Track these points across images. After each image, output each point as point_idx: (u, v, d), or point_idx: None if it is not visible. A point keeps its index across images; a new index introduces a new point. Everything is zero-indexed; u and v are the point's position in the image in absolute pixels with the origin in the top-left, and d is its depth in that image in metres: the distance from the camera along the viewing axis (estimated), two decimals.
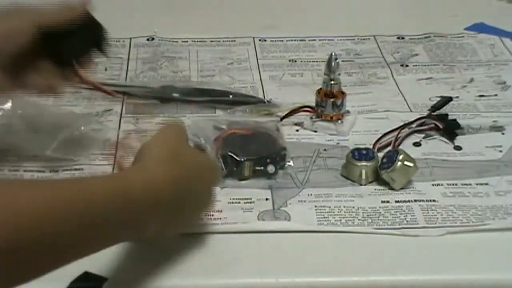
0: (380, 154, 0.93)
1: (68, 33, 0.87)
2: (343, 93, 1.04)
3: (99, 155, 0.96)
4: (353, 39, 1.29)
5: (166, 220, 0.72)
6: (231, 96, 1.09)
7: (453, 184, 0.93)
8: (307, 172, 0.94)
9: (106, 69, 1.18)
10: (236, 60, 1.22)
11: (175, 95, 1.09)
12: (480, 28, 1.32)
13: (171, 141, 0.76)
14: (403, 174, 0.90)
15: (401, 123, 1.02)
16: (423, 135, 1.02)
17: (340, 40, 1.29)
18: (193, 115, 1.06)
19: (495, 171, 0.95)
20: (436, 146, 1.00)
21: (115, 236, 0.67)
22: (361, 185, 0.92)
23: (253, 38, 1.29)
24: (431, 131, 1.02)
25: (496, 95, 1.12)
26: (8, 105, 0.97)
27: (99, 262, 0.76)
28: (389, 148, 0.97)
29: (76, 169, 0.93)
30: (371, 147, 0.96)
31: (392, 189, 0.91)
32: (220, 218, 0.86)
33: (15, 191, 0.57)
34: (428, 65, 1.21)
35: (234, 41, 1.28)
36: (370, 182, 0.92)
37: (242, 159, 0.92)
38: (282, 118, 1.04)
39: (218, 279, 0.78)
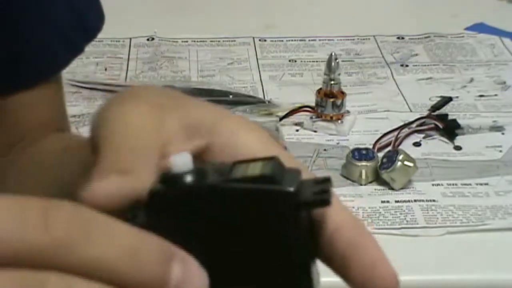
0: (380, 154, 0.93)
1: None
2: (343, 93, 1.04)
3: None
4: (353, 39, 1.29)
5: None
6: (231, 96, 1.09)
7: (453, 184, 0.92)
8: None
9: (106, 69, 1.18)
10: (236, 60, 1.22)
11: None
12: (480, 28, 1.31)
13: None
14: (403, 174, 0.90)
15: (401, 123, 1.02)
16: (423, 135, 1.02)
17: (340, 40, 1.29)
18: None
19: (495, 171, 0.95)
20: (436, 146, 1.00)
21: None
22: (361, 185, 0.92)
23: (253, 38, 1.29)
24: (431, 131, 1.02)
25: (496, 95, 1.12)
26: None
27: None
28: (389, 148, 0.97)
29: None
30: (371, 147, 0.96)
31: (392, 189, 0.91)
32: None
33: None
34: (428, 65, 1.21)
35: (234, 41, 1.28)
36: (370, 182, 0.92)
37: None
38: (282, 118, 1.04)
39: None
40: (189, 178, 0.35)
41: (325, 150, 0.99)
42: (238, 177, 0.35)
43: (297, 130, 1.03)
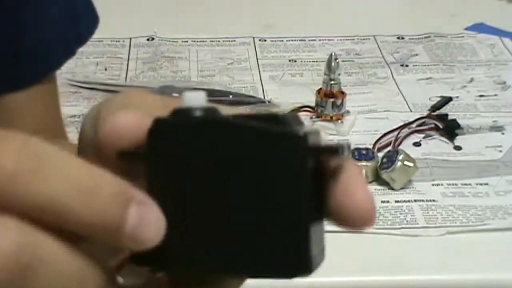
0: (380, 154, 0.93)
1: None
2: (343, 93, 1.04)
3: None
4: (353, 39, 1.29)
5: None
6: (231, 96, 1.09)
7: (453, 184, 0.92)
8: None
9: (106, 69, 1.18)
10: (236, 60, 1.22)
11: (175, 95, 1.09)
12: (480, 28, 1.31)
13: None
14: (403, 174, 0.90)
15: (401, 123, 1.02)
16: (423, 135, 1.02)
17: (340, 40, 1.29)
18: None
19: (495, 171, 0.95)
20: (436, 146, 1.00)
21: None
22: None
23: (253, 38, 1.29)
24: (431, 131, 1.02)
25: (496, 95, 1.12)
26: None
27: None
28: (389, 148, 0.97)
29: None
30: (371, 147, 0.96)
31: (392, 189, 0.91)
32: None
33: None
34: (428, 65, 1.21)
35: (234, 41, 1.28)
36: (370, 182, 0.92)
37: None
38: None
39: None
40: (198, 113, 0.33)
41: None
42: (249, 115, 0.33)
43: None
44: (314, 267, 0.32)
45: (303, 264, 0.32)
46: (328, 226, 0.86)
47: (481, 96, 1.12)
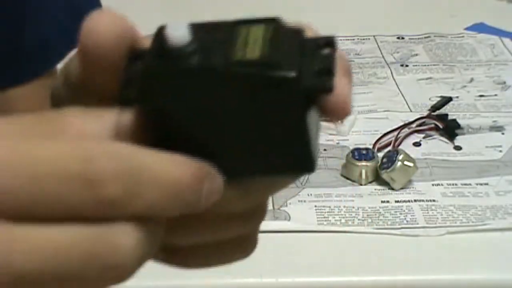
0: (380, 154, 0.93)
1: None
2: None
3: None
4: (353, 39, 1.29)
5: None
6: None
7: (453, 184, 0.93)
8: None
9: None
10: None
11: None
12: (480, 28, 1.31)
13: None
14: (403, 174, 0.90)
15: (401, 123, 1.02)
16: (423, 135, 1.02)
17: (340, 40, 1.29)
18: None
19: (495, 171, 0.95)
20: (436, 146, 1.00)
21: None
22: (361, 185, 0.92)
23: None
24: (431, 131, 1.02)
25: (496, 95, 1.12)
26: None
27: None
28: (389, 148, 0.97)
29: None
30: (371, 147, 0.96)
31: (392, 189, 0.91)
32: None
33: None
34: (428, 65, 1.21)
35: None
36: (370, 182, 0.92)
37: None
38: None
39: (218, 279, 0.78)
40: (191, 58, 0.34)
41: (325, 150, 0.99)
42: (237, 58, 0.35)
43: None
44: (316, 164, 0.37)
45: (309, 163, 0.36)
46: (327, 227, 0.86)
47: (481, 96, 1.12)
